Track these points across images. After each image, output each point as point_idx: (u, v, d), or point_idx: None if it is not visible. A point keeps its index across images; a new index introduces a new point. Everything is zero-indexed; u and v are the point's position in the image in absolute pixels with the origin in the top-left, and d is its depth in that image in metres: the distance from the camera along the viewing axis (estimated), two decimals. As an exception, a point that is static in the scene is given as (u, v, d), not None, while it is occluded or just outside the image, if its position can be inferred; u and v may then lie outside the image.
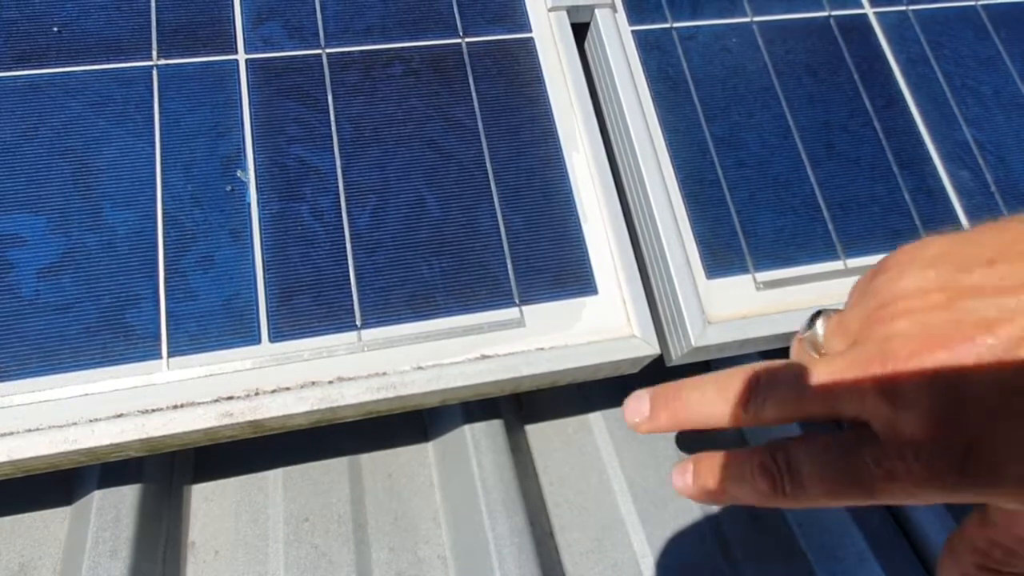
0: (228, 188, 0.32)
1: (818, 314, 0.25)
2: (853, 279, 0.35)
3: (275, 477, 0.36)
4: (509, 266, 0.33)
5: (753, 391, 0.24)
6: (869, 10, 0.43)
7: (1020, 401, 0.18)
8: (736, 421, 0.24)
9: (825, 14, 0.42)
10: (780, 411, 0.23)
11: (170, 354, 0.29)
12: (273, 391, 0.29)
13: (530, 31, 0.38)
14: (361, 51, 0.36)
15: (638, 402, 0.28)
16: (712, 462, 0.26)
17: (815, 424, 0.33)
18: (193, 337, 0.29)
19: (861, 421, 0.21)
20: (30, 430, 0.27)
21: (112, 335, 0.29)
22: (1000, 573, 0.23)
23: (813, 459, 0.22)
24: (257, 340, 0.30)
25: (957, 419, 0.19)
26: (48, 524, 0.33)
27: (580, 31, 0.40)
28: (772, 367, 0.24)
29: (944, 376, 0.19)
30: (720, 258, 0.34)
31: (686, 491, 0.27)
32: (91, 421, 0.27)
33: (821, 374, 0.22)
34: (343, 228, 0.32)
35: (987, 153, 0.40)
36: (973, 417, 0.19)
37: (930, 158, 0.39)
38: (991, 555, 0.22)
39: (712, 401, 0.25)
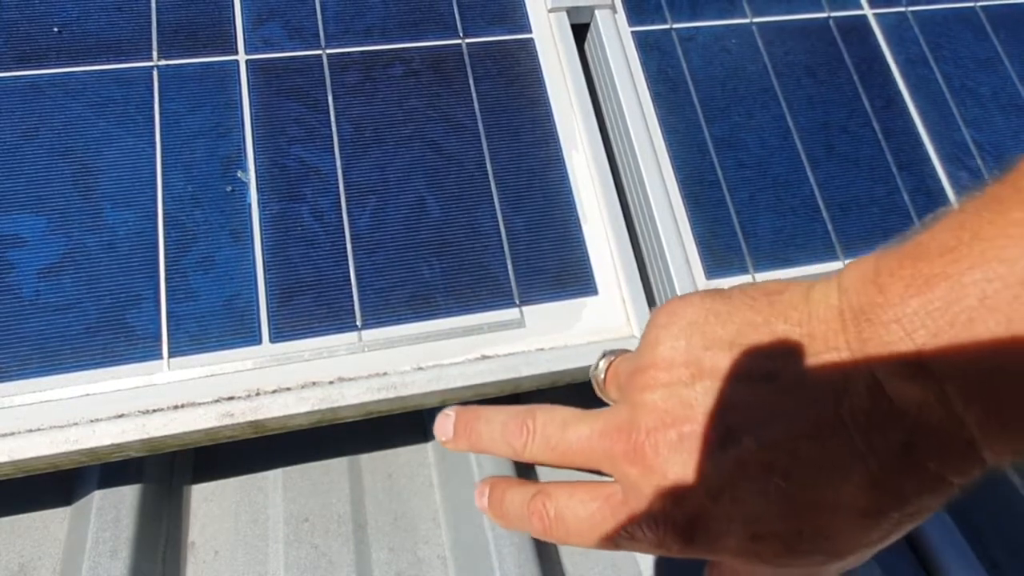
0: (229, 188, 0.32)
1: (604, 355, 0.27)
2: (852, 280, 0.35)
3: (275, 477, 0.36)
4: (509, 266, 0.33)
5: (526, 428, 0.26)
6: (868, 11, 0.43)
7: (735, 488, 0.20)
8: (515, 457, 0.26)
9: (824, 15, 0.42)
10: (548, 458, 0.25)
11: (171, 354, 0.29)
12: (274, 391, 0.29)
13: (530, 32, 0.38)
14: (361, 52, 0.36)
15: (445, 420, 0.30)
16: (499, 492, 0.28)
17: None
18: (194, 337, 0.29)
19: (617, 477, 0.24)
20: (31, 430, 0.27)
21: (113, 335, 0.29)
22: None
23: (573, 512, 0.24)
24: (258, 340, 0.30)
25: (684, 495, 0.21)
26: (48, 524, 0.33)
27: (580, 32, 0.40)
28: (547, 416, 0.26)
29: (674, 455, 0.21)
30: (720, 258, 0.34)
31: (483, 511, 0.29)
32: (92, 421, 0.27)
33: (582, 431, 0.24)
34: (343, 229, 0.32)
35: (986, 154, 0.40)
36: (697, 495, 0.21)
37: (929, 159, 0.39)
38: None
39: (496, 438, 0.27)
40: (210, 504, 0.35)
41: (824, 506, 0.19)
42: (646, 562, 0.35)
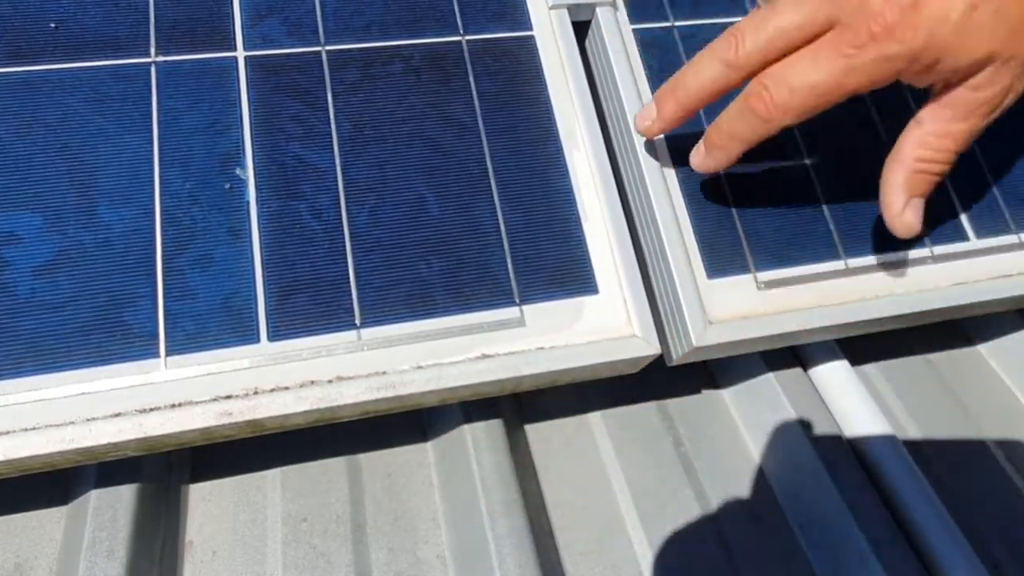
0: (227, 186, 0.32)
1: None
2: (854, 279, 0.35)
3: (273, 477, 0.35)
4: (509, 265, 0.33)
5: (734, 36, 0.27)
6: (870, 9, 0.42)
7: None
8: (730, 74, 0.27)
9: (826, 13, 0.42)
10: (762, 45, 0.26)
11: (168, 353, 0.29)
12: (272, 390, 0.29)
13: (531, 29, 0.38)
14: (361, 49, 0.36)
15: (646, 109, 0.31)
16: (716, 123, 0.30)
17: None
18: (191, 336, 0.29)
19: (831, 27, 0.25)
20: (27, 429, 0.27)
21: (109, 334, 0.29)
22: (932, 162, 0.28)
23: (794, 69, 0.26)
24: (256, 339, 0.30)
25: None
26: (44, 524, 0.33)
27: (581, 29, 0.40)
28: (749, 15, 0.27)
29: None
30: (721, 257, 0.34)
31: (702, 163, 0.31)
32: (88, 420, 0.27)
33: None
34: (342, 227, 0.32)
35: (987, 153, 0.40)
36: None
37: (931, 158, 0.38)
38: (927, 144, 0.27)
39: (706, 66, 0.28)
40: (208, 504, 0.34)
41: None
42: (646, 562, 0.35)
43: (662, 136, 0.36)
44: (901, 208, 0.29)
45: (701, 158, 0.31)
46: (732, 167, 0.36)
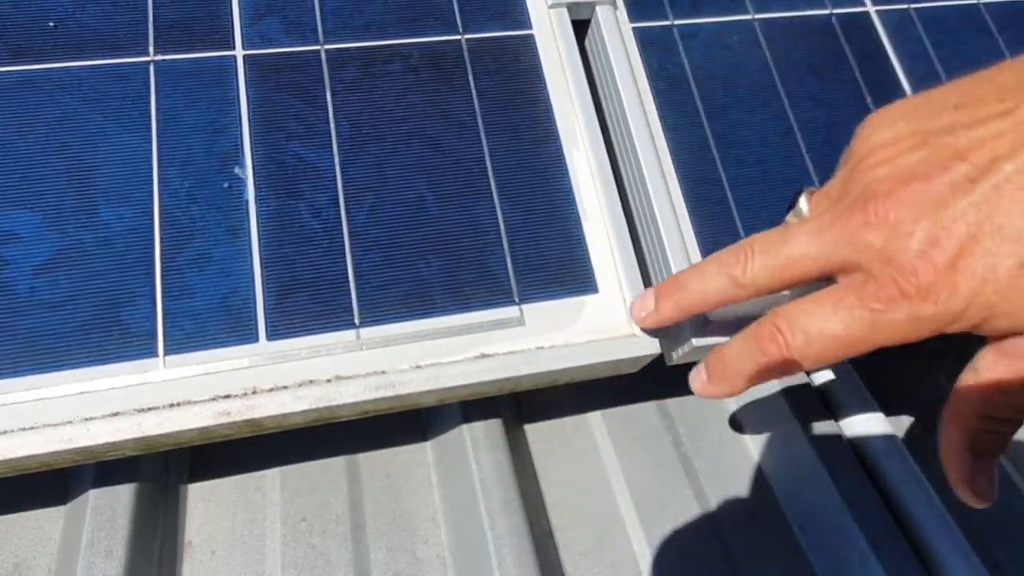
0: (226, 185, 0.32)
1: (800, 192, 0.26)
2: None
3: (272, 477, 0.35)
4: (508, 264, 0.33)
5: (744, 253, 0.25)
6: (871, 8, 0.42)
7: (996, 214, 0.20)
8: (735, 291, 0.25)
9: (827, 12, 0.42)
10: (771, 270, 0.24)
11: (166, 352, 0.29)
12: (270, 390, 0.29)
13: (530, 28, 0.38)
14: (360, 48, 0.36)
15: (643, 299, 0.30)
16: (719, 351, 0.27)
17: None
18: (190, 335, 0.29)
19: (850, 269, 0.23)
20: (25, 428, 0.27)
21: (108, 333, 0.29)
22: (998, 420, 0.23)
23: (809, 315, 0.23)
24: (254, 338, 0.29)
25: (941, 236, 0.21)
26: (43, 524, 0.33)
27: (580, 28, 0.40)
28: (764, 234, 0.25)
29: (921, 203, 0.21)
30: (721, 257, 0.34)
31: (703, 389, 0.28)
32: (86, 420, 0.27)
33: (809, 226, 0.24)
34: (341, 226, 0.32)
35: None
36: (956, 232, 0.20)
37: (932, 157, 0.38)
38: (993, 402, 0.23)
39: (711, 277, 0.26)
40: (207, 503, 0.34)
41: None
42: (646, 562, 0.35)
43: (664, 143, 0.36)
44: (970, 473, 0.24)
45: (703, 385, 0.28)
46: (732, 166, 0.36)
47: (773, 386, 0.38)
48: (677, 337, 0.32)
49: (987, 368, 0.23)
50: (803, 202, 0.26)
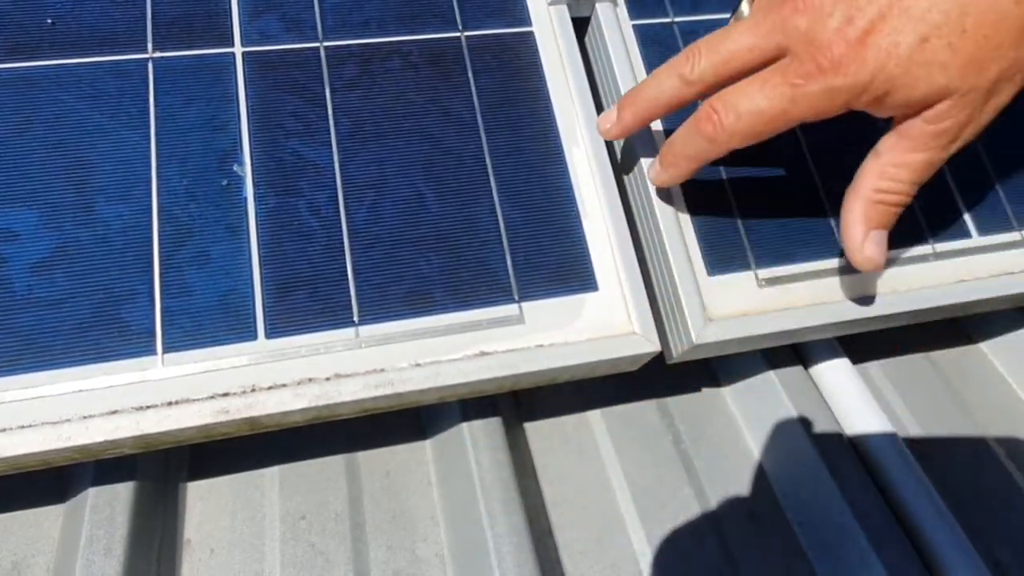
0: (224, 183, 0.32)
1: None
2: (855, 276, 0.35)
3: (272, 475, 0.35)
4: (508, 262, 0.32)
5: (692, 53, 0.28)
6: (872, 5, 0.42)
7: (904, 3, 0.23)
8: (684, 88, 0.28)
9: (827, 9, 0.42)
10: (715, 65, 0.27)
11: (165, 350, 0.29)
12: (269, 388, 0.28)
13: (530, 25, 0.38)
14: (359, 45, 0.36)
15: (608, 112, 0.32)
16: (669, 140, 0.31)
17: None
18: (188, 333, 0.29)
19: (782, 55, 0.26)
20: (23, 427, 0.27)
21: (106, 331, 0.29)
22: (891, 193, 0.28)
23: (743, 94, 0.26)
24: (253, 336, 0.29)
25: (855, 12, 0.24)
26: (41, 522, 0.33)
27: (580, 25, 0.39)
28: (709, 35, 0.28)
29: None
30: (721, 255, 0.34)
31: (655, 176, 0.32)
32: (85, 418, 0.27)
33: (747, 21, 0.27)
34: (340, 223, 0.32)
35: (989, 151, 0.39)
36: (869, 9, 0.23)
37: (933, 155, 0.38)
38: (885, 175, 0.27)
39: (663, 79, 0.29)
40: (206, 502, 0.34)
41: (991, 9, 0.22)
42: (645, 561, 0.35)
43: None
44: (861, 241, 0.28)
45: (656, 173, 0.32)
46: (730, 165, 0.36)
47: (774, 385, 0.38)
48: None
49: (885, 149, 0.27)
50: (744, 5, 0.30)
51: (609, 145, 0.38)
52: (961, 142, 0.26)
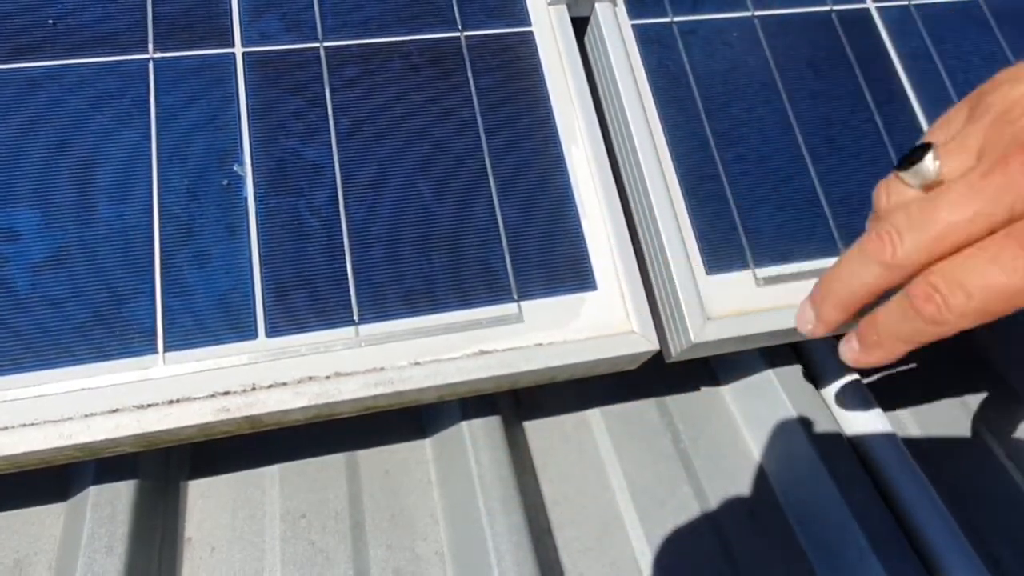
0: (225, 182, 0.32)
1: (920, 148, 0.24)
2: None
3: (272, 473, 0.35)
4: (507, 261, 0.33)
5: (888, 235, 0.23)
6: (871, 4, 0.42)
7: None
8: (891, 275, 0.24)
9: (827, 8, 0.42)
10: (927, 243, 0.23)
11: (166, 349, 0.29)
12: (270, 386, 0.29)
13: (529, 25, 0.38)
14: (359, 45, 0.36)
15: (802, 311, 0.28)
16: (871, 317, 0.26)
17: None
18: (189, 332, 0.29)
19: (1016, 219, 0.21)
20: (25, 425, 0.27)
21: (108, 330, 0.29)
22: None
23: (969, 268, 0.22)
24: (254, 335, 0.30)
25: None
26: (44, 520, 0.33)
27: (580, 25, 0.40)
28: (900, 208, 0.23)
29: None
30: (720, 254, 0.34)
31: (856, 357, 0.27)
32: (87, 416, 0.27)
33: (957, 187, 0.22)
34: (340, 223, 0.32)
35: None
36: None
37: (932, 154, 0.38)
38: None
39: (859, 269, 0.25)
40: (207, 500, 0.35)
41: None
42: (645, 560, 0.35)
43: (663, 140, 0.36)
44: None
45: (856, 354, 0.27)
46: (729, 165, 0.36)
47: (774, 384, 0.38)
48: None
49: None
50: (929, 159, 0.24)
51: (608, 144, 0.38)
52: None
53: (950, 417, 0.42)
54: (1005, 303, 0.22)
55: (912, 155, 0.24)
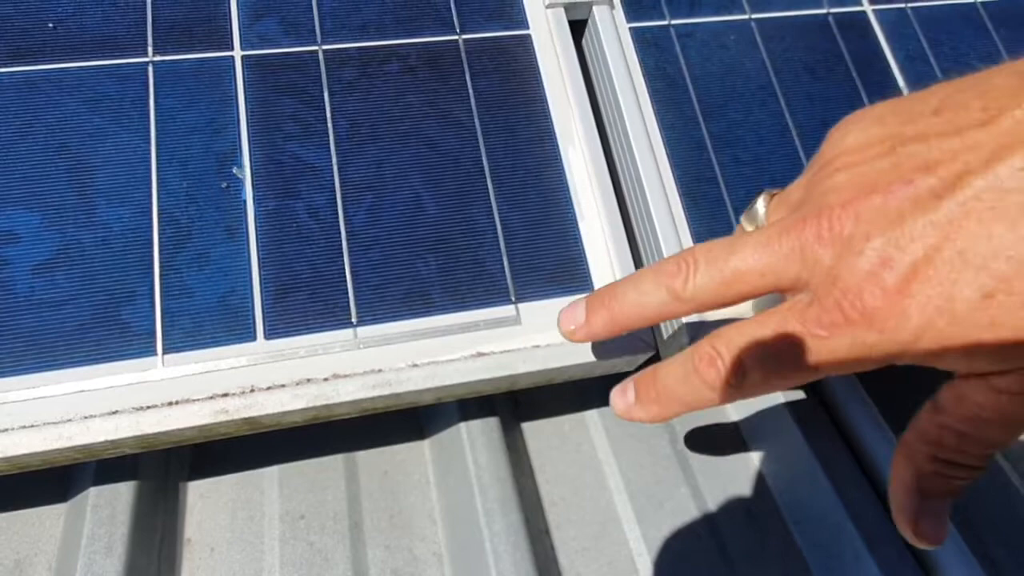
0: (224, 185, 0.32)
1: (759, 193, 0.24)
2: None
3: (271, 474, 0.36)
4: (505, 263, 0.33)
5: (686, 263, 0.22)
6: (868, 7, 0.43)
7: (960, 233, 0.17)
8: (675, 305, 0.23)
9: (824, 11, 0.42)
10: (715, 284, 0.22)
11: (165, 351, 0.29)
12: (268, 388, 0.29)
13: (527, 28, 0.38)
14: (358, 48, 0.36)
15: (573, 309, 0.26)
16: (653, 370, 0.24)
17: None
18: (188, 334, 0.29)
19: (800, 287, 0.20)
20: (25, 427, 0.27)
21: (107, 332, 0.29)
22: (952, 464, 0.21)
23: (751, 337, 0.21)
24: (252, 337, 0.30)
25: (894, 255, 0.18)
26: (44, 521, 0.33)
27: (577, 28, 0.40)
28: (708, 244, 0.23)
29: (879, 218, 0.18)
30: (717, 256, 0.34)
31: (626, 410, 0.25)
32: (86, 418, 0.27)
33: (759, 236, 0.21)
34: (339, 225, 0.32)
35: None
36: (913, 249, 0.18)
37: (928, 156, 0.38)
38: (943, 443, 0.21)
39: (648, 290, 0.23)
40: (206, 501, 0.35)
41: None
42: (642, 560, 0.35)
43: (660, 143, 0.36)
44: (914, 515, 0.22)
45: (628, 407, 0.25)
46: (726, 167, 0.36)
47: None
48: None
49: (949, 406, 0.21)
50: (760, 204, 0.24)
51: (606, 147, 0.38)
52: None
53: (947, 418, 0.42)
54: (783, 381, 0.21)
55: (754, 198, 0.24)
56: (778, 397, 0.38)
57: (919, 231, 0.18)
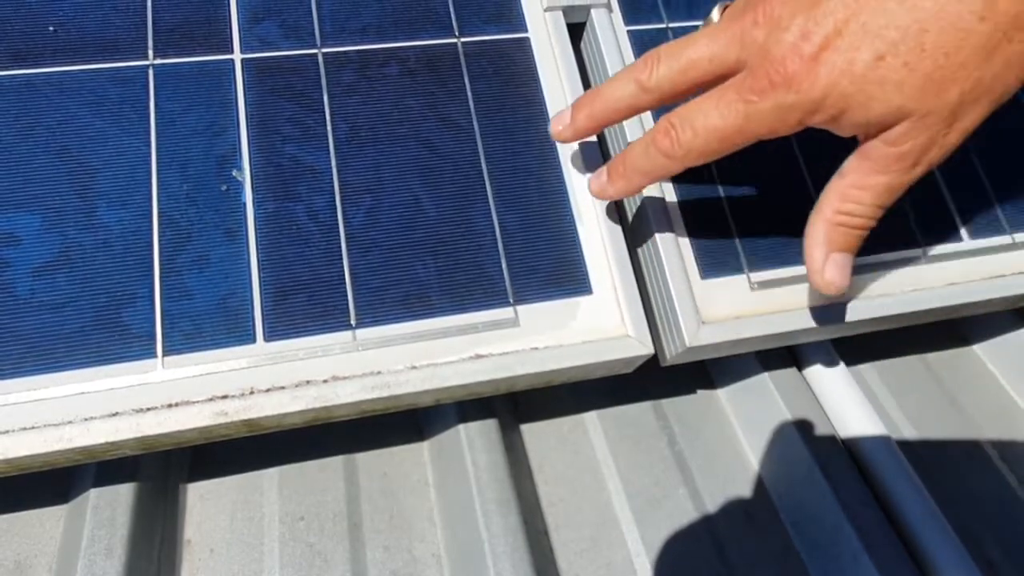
0: (223, 187, 0.32)
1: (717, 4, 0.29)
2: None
3: (271, 476, 0.36)
4: (504, 266, 0.33)
5: (651, 59, 0.27)
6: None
7: (865, 9, 0.22)
8: (641, 95, 0.28)
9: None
10: (673, 73, 0.26)
11: (165, 353, 0.29)
12: (268, 390, 0.29)
13: (526, 31, 0.38)
14: (357, 51, 0.36)
15: (561, 114, 0.31)
16: (622, 153, 0.29)
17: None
18: (188, 336, 0.29)
19: (741, 68, 0.25)
20: (25, 428, 0.27)
21: (107, 334, 0.29)
22: (851, 215, 0.27)
23: (699, 110, 0.26)
24: (252, 339, 0.30)
25: (812, 28, 0.23)
26: (44, 522, 0.33)
27: (576, 31, 0.40)
28: (669, 43, 0.27)
29: (804, 2, 0.23)
30: (714, 258, 0.34)
31: (600, 188, 0.31)
32: (86, 420, 0.28)
33: (708, 30, 0.26)
34: (338, 228, 0.32)
35: (981, 154, 0.40)
36: (826, 22, 0.22)
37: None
38: (847, 197, 0.26)
39: (620, 84, 0.28)
40: (206, 502, 0.35)
41: (952, 26, 0.21)
42: (641, 561, 0.35)
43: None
44: (822, 264, 0.28)
45: (601, 186, 0.31)
46: (723, 169, 0.36)
47: (768, 386, 0.38)
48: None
49: (849, 170, 0.26)
50: (715, 13, 0.29)
51: (604, 147, 0.38)
52: (924, 166, 0.25)
53: (944, 419, 0.42)
54: (722, 143, 0.26)
55: (711, 11, 0.29)
56: (778, 397, 0.38)
57: (831, 8, 0.23)
